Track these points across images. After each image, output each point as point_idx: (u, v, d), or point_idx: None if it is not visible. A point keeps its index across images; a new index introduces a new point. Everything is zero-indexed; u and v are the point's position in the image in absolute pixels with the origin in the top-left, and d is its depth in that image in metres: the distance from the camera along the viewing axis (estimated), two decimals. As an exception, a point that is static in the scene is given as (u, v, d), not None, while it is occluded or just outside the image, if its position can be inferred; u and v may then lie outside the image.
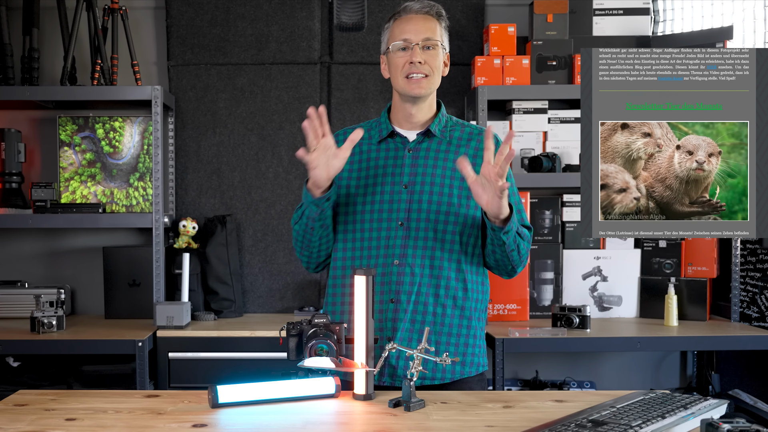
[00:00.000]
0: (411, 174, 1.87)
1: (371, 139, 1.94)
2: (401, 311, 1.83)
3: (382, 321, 1.84)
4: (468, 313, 1.87)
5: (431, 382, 1.84)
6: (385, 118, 1.94)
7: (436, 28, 1.86)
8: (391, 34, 1.88)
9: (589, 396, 1.69)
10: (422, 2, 1.86)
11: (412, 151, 1.90)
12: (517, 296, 3.10)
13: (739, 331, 2.94)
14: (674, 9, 3.33)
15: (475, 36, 3.37)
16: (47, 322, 2.83)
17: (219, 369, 2.83)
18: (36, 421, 1.47)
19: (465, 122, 1.97)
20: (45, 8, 3.19)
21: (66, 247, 3.39)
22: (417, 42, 1.83)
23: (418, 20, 1.85)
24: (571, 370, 3.37)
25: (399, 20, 1.87)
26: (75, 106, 3.32)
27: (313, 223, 1.83)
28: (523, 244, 1.83)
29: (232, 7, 3.33)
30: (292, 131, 3.34)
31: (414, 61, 1.82)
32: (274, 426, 1.45)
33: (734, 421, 1.26)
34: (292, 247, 3.33)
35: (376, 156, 1.92)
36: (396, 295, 1.83)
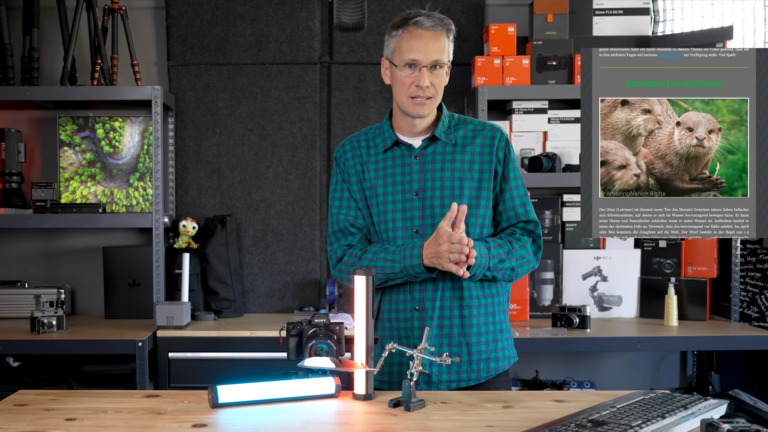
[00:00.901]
0: (420, 180, 1.87)
1: (376, 148, 1.93)
2: (427, 318, 1.83)
3: (408, 329, 1.85)
4: (492, 308, 1.87)
5: (467, 384, 1.84)
6: (388, 126, 1.93)
7: (445, 45, 1.83)
8: (399, 46, 1.83)
9: (589, 396, 1.69)
10: (434, 18, 1.82)
11: (419, 158, 1.89)
12: (517, 296, 3.10)
13: (739, 331, 2.94)
14: (674, 9, 3.33)
15: (475, 36, 3.37)
16: (47, 322, 2.83)
17: (219, 369, 2.83)
18: (36, 421, 1.47)
19: (467, 118, 1.96)
20: (45, 8, 3.19)
21: (66, 247, 3.39)
22: (426, 65, 1.80)
23: (429, 39, 1.80)
24: (571, 370, 3.37)
25: (408, 34, 1.81)
26: (75, 106, 3.32)
27: None
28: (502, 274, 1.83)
29: (232, 7, 3.33)
30: (292, 131, 3.34)
31: (421, 85, 1.81)
32: (274, 426, 1.45)
33: (734, 421, 1.26)
34: (292, 247, 3.33)
35: (384, 165, 1.91)
36: (420, 303, 1.84)
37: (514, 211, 1.88)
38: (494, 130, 1.90)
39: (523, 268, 1.87)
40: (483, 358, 1.85)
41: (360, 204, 1.92)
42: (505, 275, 1.84)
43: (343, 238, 1.91)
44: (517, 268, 1.85)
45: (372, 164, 1.91)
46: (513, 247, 1.84)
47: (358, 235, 1.92)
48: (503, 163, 1.88)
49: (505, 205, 1.89)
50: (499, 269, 1.81)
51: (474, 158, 1.87)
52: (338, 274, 1.93)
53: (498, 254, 1.81)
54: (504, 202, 1.89)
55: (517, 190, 1.89)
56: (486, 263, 1.77)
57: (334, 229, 1.93)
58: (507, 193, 1.88)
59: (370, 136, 1.96)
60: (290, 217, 3.34)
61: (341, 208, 1.93)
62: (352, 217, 1.92)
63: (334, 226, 1.93)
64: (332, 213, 1.94)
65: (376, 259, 1.84)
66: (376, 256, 1.84)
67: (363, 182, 1.92)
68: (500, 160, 1.88)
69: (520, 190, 1.89)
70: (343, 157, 1.95)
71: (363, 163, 1.92)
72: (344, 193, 1.94)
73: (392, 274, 1.81)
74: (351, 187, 1.93)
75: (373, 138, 1.95)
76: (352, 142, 1.97)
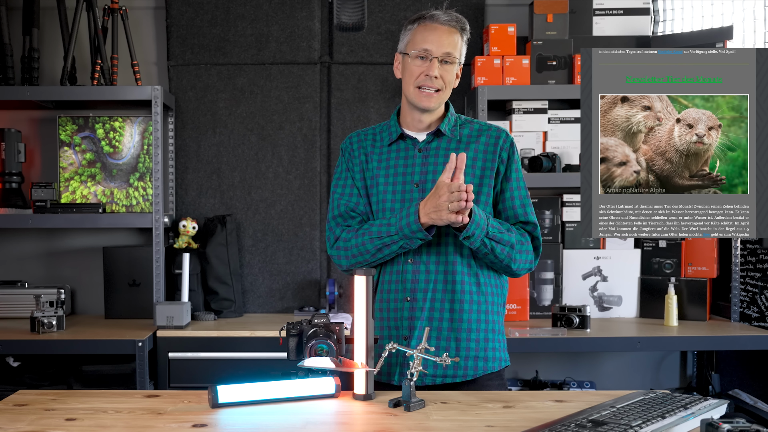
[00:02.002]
0: (422, 173, 1.88)
1: (382, 141, 1.95)
2: (417, 309, 1.84)
3: (398, 320, 1.86)
4: (484, 307, 1.87)
5: (452, 380, 1.84)
6: (395, 121, 1.95)
7: (458, 43, 1.86)
8: (413, 37, 1.86)
9: (589, 396, 1.69)
10: (450, 15, 1.86)
11: (422, 151, 1.90)
12: (518, 296, 3.10)
13: (739, 331, 2.94)
14: (674, 9, 3.33)
15: (475, 36, 3.36)
16: (47, 322, 2.83)
17: (219, 369, 2.83)
18: (36, 421, 1.47)
19: (473, 119, 1.98)
20: (45, 8, 3.19)
21: (66, 247, 3.39)
22: (437, 56, 1.83)
23: (443, 32, 1.84)
24: (571, 370, 3.37)
25: (423, 26, 1.85)
26: (75, 106, 3.32)
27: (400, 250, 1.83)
28: (500, 248, 1.80)
29: (232, 7, 3.33)
30: (292, 131, 3.34)
31: (430, 74, 1.83)
32: (274, 426, 1.45)
33: (734, 421, 1.26)
34: (292, 247, 3.33)
35: (387, 158, 1.92)
36: (411, 294, 1.85)
37: (513, 211, 1.88)
38: (500, 131, 1.92)
39: (522, 256, 1.85)
40: (472, 356, 1.84)
41: (362, 192, 1.93)
42: (504, 251, 1.80)
43: (342, 222, 1.92)
44: (516, 254, 1.82)
45: (376, 156, 1.93)
46: (512, 231, 1.84)
47: (359, 218, 1.93)
48: (506, 164, 1.89)
49: (505, 204, 1.89)
50: (498, 240, 1.79)
51: (477, 155, 1.88)
52: (335, 252, 1.92)
53: (497, 225, 1.80)
54: (504, 202, 1.89)
55: (518, 191, 1.89)
56: (485, 225, 1.76)
57: (334, 214, 1.94)
58: (507, 193, 1.89)
59: (378, 131, 1.98)
60: (290, 217, 3.34)
61: (343, 195, 1.94)
62: (353, 203, 1.93)
63: (335, 211, 1.94)
64: (334, 198, 1.95)
65: (371, 225, 1.85)
66: (371, 224, 1.86)
67: (366, 172, 1.94)
68: (503, 160, 1.89)
69: (521, 192, 1.90)
70: (349, 148, 1.97)
71: (368, 155, 1.94)
72: (348, 180, 1.95)
73: (387, 238, 1.80)
74: (354, 176, 1.95)
75: (380, 132, 1.98)
76: (360, 135, 1.99)
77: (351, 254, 1.87)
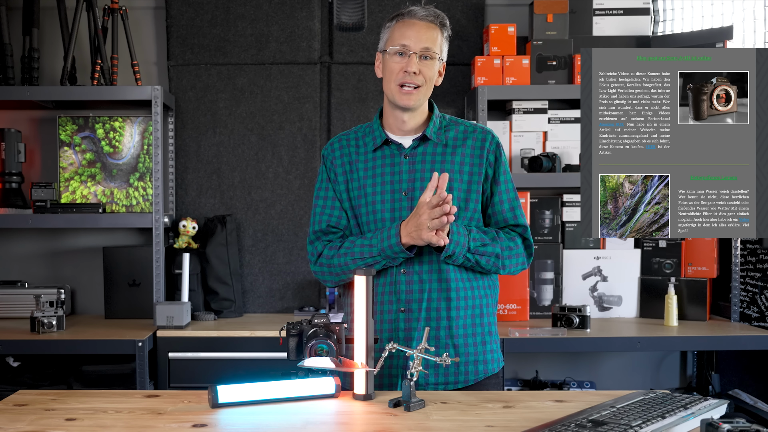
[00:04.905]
0: (409, 180, 1.85)
1: (366, 147, 1.91)
2: (414, 320, 1.82)
3: (392, 331, 1.83)
4: (479, 310, 1.86)
5: (455, 387, 1.83)
6: (378, 125, 1.91)
7: (437, 38, 1.83)
8: (391, 35, 1.84)
9: (589, 396, 1.69)
10: (428, 10, 1.83)
11: (409, 157, 1.87)
12: (517, 296, 3.10)
13: (739, 331, 2.94)
14: (674, 9, 3.33)
15: (475, 36, 3.36)
16: (47, 322, 2.83)
17: (219, 369, 2.83)
18: (36, 421, 1.47)
19: (458, 119, 1.95)
20: (45, 8, 3.19)
21: (66, 247, 3.39)
22: (415, 51, 1.80)
23: (421, 27, 1.81)
24: (571, 370, 3.37)
25: (402, 23, 1.83)
26: (75, 106, 3.32)
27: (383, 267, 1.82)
28: (486, 260, 1.80)
29: (232, 7, 3.33)
30: (292, 131, 3.34)
31: (409, 70, 1.79)
32: (274, 426, 1.45)
33: (734, 421, 1.26)
34: (292, 247, 3.33)
35: (374, 165, 1.89)
36: (406, 305, 1.82)
37: (503, 215, 1.87)
38: (485, 133, 1.89)
39: (512, 261, 1.84)
40: (471, 360, 1.84)
41: (344, 205, 1.90)
42: (490, 262, 1.81)
43: (324, 237, 1.91)
44: (505, 259, 1.82)
45: (361, 163, 1.90)
46: (499, 237, 1.83)
47: (340, 233, 1.91)
48: (494, 166, 1.87)
49: (494, 208, 1.88)
50: (482, 253, 1.79)
51: (464, 160, 1.86)
52: (318, 268, 1.90)
53: (480, 238, 1.79)
54: (493, 206, 1.88)
55: (507, 194, 1.88)
56: (465, 242, 1.76)
57: (314, 229, 1.91)
58: (497, 197, 1.87)
59: (360, 135, 1.94)
60: (290, 217, 3.34)
61: (325, 208, 1.91)
62: (335, 218, 1.90)
63: (315, 226, 1.91)
64: (315, 212, 1.92)
65: (353, 245, 1.83)
66: (353, 243, 1.84)
67: (351, 182, 1.90)
68: (491, 163, 1.87)
69: (510, 194, 1.88)
70: (330, 156, 1.93)
71: (352, 162, 1.90)
72: (329, 192, 1.92)
73: (370, 259, 1.79)
74: (337, 187, 1.91)
75: (362, 137, 1.93)
76: (341, 140, 1.95)
77: (335, 272, 1.87)
